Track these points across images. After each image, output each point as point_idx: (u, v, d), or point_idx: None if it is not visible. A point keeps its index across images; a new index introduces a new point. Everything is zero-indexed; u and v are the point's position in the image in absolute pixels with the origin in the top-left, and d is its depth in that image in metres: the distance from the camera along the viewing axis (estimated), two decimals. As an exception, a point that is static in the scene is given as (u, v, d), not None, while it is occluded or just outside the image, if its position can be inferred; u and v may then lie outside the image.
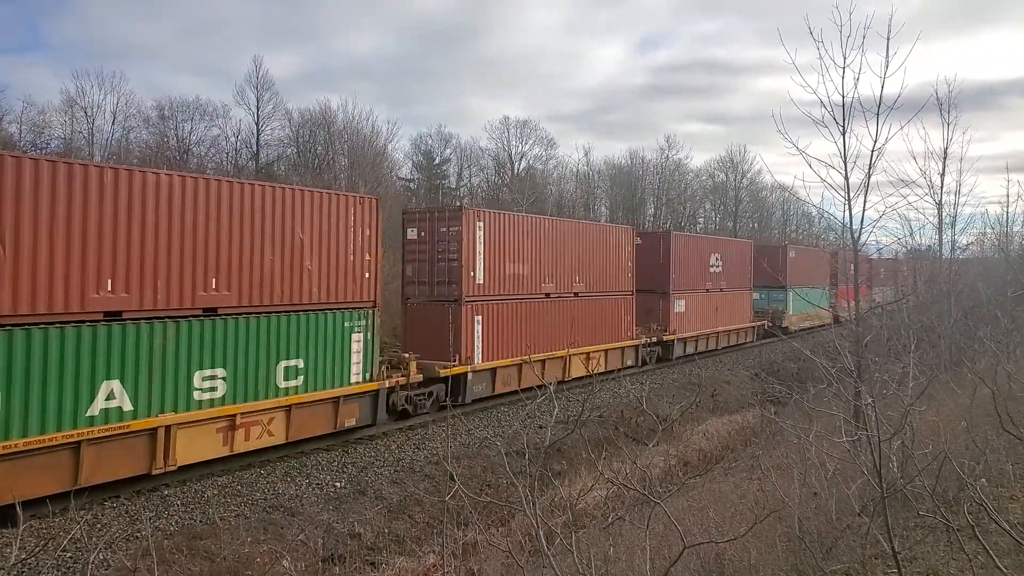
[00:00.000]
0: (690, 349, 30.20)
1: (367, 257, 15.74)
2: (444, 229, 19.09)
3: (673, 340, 28.53)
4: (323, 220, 14.78)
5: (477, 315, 19.28)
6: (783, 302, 37.97)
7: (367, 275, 15.74)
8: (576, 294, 23.19)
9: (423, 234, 19.54)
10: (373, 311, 15.87)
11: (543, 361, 21.28)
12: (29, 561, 9.19)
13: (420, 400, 17.80)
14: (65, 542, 9.62)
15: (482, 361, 19.43)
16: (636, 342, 26.42)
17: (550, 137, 68.13)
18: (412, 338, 19.50)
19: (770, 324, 36.34)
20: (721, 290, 32.27)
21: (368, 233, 15.72)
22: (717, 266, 31.91)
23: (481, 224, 19.43)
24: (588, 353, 23.31)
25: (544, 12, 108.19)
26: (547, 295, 21.89)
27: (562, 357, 21.95)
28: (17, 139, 40.67)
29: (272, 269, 13.83)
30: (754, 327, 35.88)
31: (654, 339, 27.28)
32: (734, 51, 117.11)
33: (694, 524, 8.12)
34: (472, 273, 19.10)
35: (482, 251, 19.40)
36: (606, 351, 24.52)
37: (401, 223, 20.63)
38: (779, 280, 36.07)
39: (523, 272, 20.92)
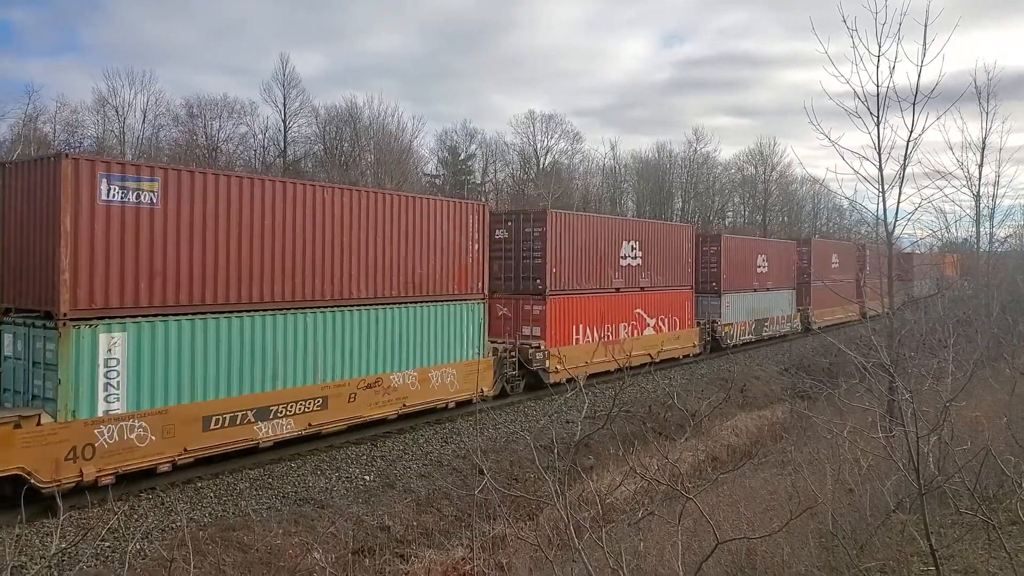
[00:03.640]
0: None
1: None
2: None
3: None
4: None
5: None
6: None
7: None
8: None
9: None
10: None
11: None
12: (69, 551, 9.43)
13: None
14: (103, 532, 9.87)
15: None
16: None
17: (576, 131, 67.63)
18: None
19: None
20: None
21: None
22: None
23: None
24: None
25: (566, 9, 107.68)
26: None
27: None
28: (52, 138, 41.63)
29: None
30: None
31: None
32: (760, 44, 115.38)
33: (725, 520, 8.04)
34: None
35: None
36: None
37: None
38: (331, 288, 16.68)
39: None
